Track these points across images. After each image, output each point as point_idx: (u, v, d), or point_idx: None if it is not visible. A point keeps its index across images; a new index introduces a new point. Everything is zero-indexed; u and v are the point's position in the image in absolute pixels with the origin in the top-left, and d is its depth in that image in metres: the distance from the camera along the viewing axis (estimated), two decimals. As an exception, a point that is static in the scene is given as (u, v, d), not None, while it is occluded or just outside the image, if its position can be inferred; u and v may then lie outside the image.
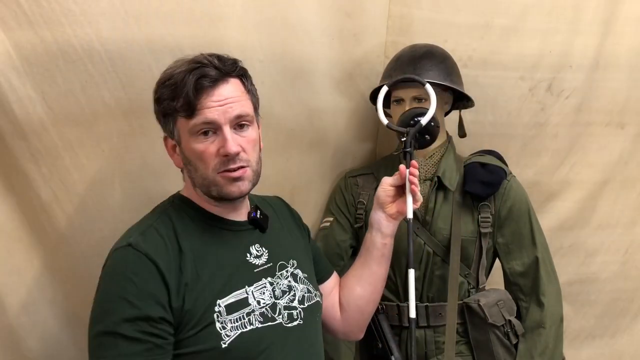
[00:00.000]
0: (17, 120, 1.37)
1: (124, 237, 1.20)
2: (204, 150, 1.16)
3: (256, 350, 1.17)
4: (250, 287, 1.21)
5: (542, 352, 1.62)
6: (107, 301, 1.13)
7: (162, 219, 1.21)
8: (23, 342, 1.50)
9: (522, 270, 1.67)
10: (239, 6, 1.56)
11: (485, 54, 1.83)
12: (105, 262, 1.19)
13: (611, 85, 1.95)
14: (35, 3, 1.32)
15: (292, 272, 1.31)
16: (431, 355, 1.67)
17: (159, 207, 1.27)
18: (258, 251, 1.26)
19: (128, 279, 1.11)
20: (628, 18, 1.91)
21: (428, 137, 1.54)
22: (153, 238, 1.17)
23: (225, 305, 1.16)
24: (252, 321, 1.18)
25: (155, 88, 1.21)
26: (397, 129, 1.49)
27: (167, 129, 1.22)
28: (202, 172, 1.19)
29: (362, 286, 1.45)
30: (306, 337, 1.28)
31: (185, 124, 1.17)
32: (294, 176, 1.77)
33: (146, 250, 1.14)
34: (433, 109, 1.47)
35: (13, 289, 1.47)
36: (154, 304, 1.11)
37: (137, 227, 1.21)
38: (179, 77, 1.15)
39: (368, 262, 1.46)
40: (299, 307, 1.27)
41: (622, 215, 2.11)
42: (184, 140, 1.19)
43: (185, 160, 1.21)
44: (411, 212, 1.36)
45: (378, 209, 1.45)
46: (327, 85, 1.77)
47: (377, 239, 1.44)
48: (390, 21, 1.79)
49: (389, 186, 1.44)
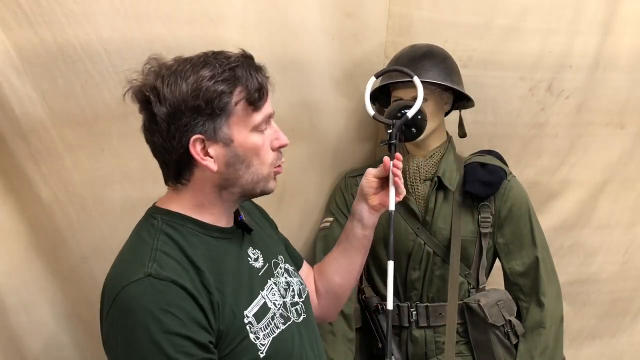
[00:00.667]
0: (17, 120, 1.38)
1: (126, 272, 1.07)
2: (262, 145, 1.14)
3: (286, 353, 1.17)
4: (263, 291, 1.19)
5: (542, 352, 1.62)
6: (148, 342, 1.00)
7: (163, 239, 1.11)
8: (23, 342, 1.50)
9: (522, 270, 1.67)
10: (239, 6, 1.56)
11: (485, 54, 1.83)
12: (110, 303, 1.05)
13: (611, 85, 1.95)
14: (35, 3, 1.32)
15: (284, 267, 1.31)
16: (431, 355, 1.67)
17: (144, 229, 1.14)
18: (254, 254, 1.24)
19: (166, 312, 1.01)
20: (628, 18, 1.90)
21: (414, 130, 1.52)
22: (168, 262, 1.07)
23: (252, 315, 1.14)
24: (278, 324, 1.18)
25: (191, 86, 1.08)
26: (383, 121, 1.45)
27: (209, 129, 1.10)
28: (256, 169, 1.14)
29: (341, 275, 1.44)
30: (312, 327, 1.29)
31: (246, 118, 1.11)
32: (294, 176, 1.77)
33: (170, 276, 1.04)
34: (420, 101, 1.42)
35: (13, 289, 1.47)
36: (201, 330, 1.04)
37: (136, 256, 1.09)
38: (238, 71, 1.10)
39: (348, 252, 1.44)
40: (300, 301, 1.28)
41: (622, 215, 2.11)
42: (241, 136, 1.11)
43: (235, 160, 1.12)
44: (393, 204, 1.33)
45: (361, 200, 1.42)
46: (327, 85, 1.77)
47: (357, 230, 1.41)
48: (390, 21, 1.79)
49: (372, 177, 1.40)
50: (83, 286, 1.54)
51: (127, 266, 1.08)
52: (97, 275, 1.55)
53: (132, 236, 1.17)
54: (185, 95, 1.07)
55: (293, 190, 1.79)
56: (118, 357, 1.05)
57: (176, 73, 1.09)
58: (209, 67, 1.09)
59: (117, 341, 1.04)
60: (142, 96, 1.10)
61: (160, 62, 1.12)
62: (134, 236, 1.16)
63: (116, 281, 1.07)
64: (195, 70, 1.09)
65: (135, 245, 1.13)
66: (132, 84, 1.11)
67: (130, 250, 1.13)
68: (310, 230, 1.85)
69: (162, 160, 1.15)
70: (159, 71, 1.11)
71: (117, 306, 1.04)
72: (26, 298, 1.50)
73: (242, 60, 1.12)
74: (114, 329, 1.04)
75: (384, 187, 1.39)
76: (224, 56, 1.12)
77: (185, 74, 1.09)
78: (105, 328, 1.08)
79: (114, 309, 1.04)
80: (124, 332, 1.03)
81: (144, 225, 1.15)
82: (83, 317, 1.58)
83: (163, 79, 1.09)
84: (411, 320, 1.68)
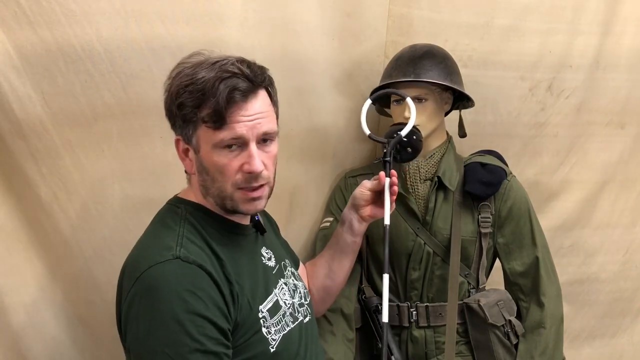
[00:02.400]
0: (17, 120, 1.38)
1: (152, 254, 1.07)
2: (226, 164, 1.10)
3: (294, 351, 1.19)
4: (275, 289, 1.22)
5: (542, 352, 1.62)
6: (172, 320, 1.01)
7: (187, 227, 1.13)
8: (23, 342, 1.50)
9: (522, 270, 1.67)
10: (239, 6, 1.56)
11: (485, 54, 1.83)
12: (133, 281, 1.05)
13: (611, 85, 1.95)
14: (35, 3, 1.32)
15: (291, 270, 1.34)
16: (431, 355, 1.67)
17: (168, 217, 1.16)
18: (267, 254, 1.27)
19: (191, 293, 1.02)
20: (628, 18, 1.91)
21: (410, 150, 1.55)
22: (194, 248, 1.09)
23: (267, 310, 1.16)
24: (288, 323, 1.20)
25: (174, 89, 1.11)
26: (378, 140, 1.51)
27: (184, 133, 1.13)
28: (220, 185, 1.13)
29: (332, 278, 1.51)
30: (315, 329, 1.33)
31: (209, 135, 1.09)
32: (294, 176, 1.77)
33: (197, 261, 1.06)
34: (412, 122, 1.49)
35: (13, 289, 1.47)
36: (222, 317, 1.05)
37: (162, 241, 1.10)
38: (207, 85, 1.07)
39: (338, 256, 1.50)
40: (306, 303, 1.31)
41: (622, 215, 2.11)
42: (205, 150, 1.11)
43: (202, 169, 1.14)
44: (388, 219, 1.39)
45: (352, 209, 1.48)
46: (327, 85, 1.77)
47: (347, 237, 1.48)
48: (390, 21, 1.79)
49: (367, 190, 1.45)
50: (83, 286, 1.54)
51: (152, 249, 1.09)
52: (97, 276, 1.55)
53: (155, 223, 1.18)
54: (171, 97, 1.12)
55: (293, 191, 1.79)
56: (138, 334, 1.04)
57: (180, 72, 1.12)
58: (195, 75, 1.10)
59: (139, 318, 1.04)
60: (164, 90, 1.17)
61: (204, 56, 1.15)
62: (157, 223, 1.18)
63: (141, 262, 1.07)
64: (187, 75, 1.11)
65: (159, 231, 1.14)
66: None
67: (155, 235, 1.14)
68: (310, 230, 1.85)
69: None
70: (179, 65, 1.15)
71: (142, 285, 1.04)
72: (26, 298, 1.50)
73: (224, 76, 1.08)
74: (136, 307, 1.04)
75: (374, 199, 1.45)
76: (221, 67, 1.10)
77: (181, 77, 1.11)
78: (125, 308, 1.07)
79: (138, 287, 1.04)
80: (147, 310, 1.03)
81: (168, 214, 1.18)
82: (83, 317, 1.58)
83: (174, 76, 1.14)
84: (411, 320, 1.68)
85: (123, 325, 1.09)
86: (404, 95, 1.52)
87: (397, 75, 1.62)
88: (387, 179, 1.40)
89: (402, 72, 1.62)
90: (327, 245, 1.54)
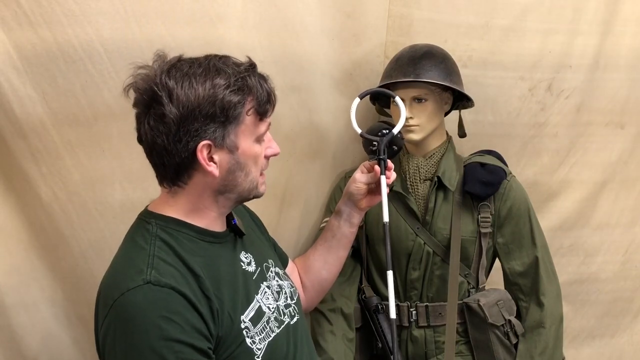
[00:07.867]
0: (17, 120, 1.38)
1: (123, 279, 1.04)
2: (260, 153, 1.18)
3: (281, 355, 1.18)
4: (257, 295, 1.20)
5: (542, 352, 1.62)
6: (148, 350, 0.99)
7: (159, 245, 1.09)
8: (23, 342, 1.50)
9: (522, 270, 1.67)
10: (239, 6, 1.56)
11: (485, 54, 1.83)
12: (107, 311, 1.03)
13: (611, 85, 1.95)
14: (36, 3, 1.32)
15: (275, 271, 1.32)
16: (431, 355, 1.67)
17: (138, 235, 1.12)
18: (246, 258, 1.24)
19: (166, 319, 1.00)
20: (628, 18, 1.90)
21: (395, 148, 1.56)
22: (166, 269, 1.05)
23: (249, 320, 1.15)
24: (273, 328, 1.19)
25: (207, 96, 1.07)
26: (370, 138, 1.51)
27: (216, 136, 1.09)
28: (252, 177, 1.17)
29: (328, 269, 1.53)
30: (304, 328, 1.32)
31: (254, 127, 1.14)
32: (294, 176, 1.77)
33: (170, 283, 1.03)
34: (403, 119, 1.51)
35: (13, 289, 1.47)
36: (201, 337, 1.04)
37: (132, 263, 1.07)
38: (249, 81, 1.11)
39: (335, 248, 1.52)
40: (292, 303, 1.30)
41: (622, 215, 2.11)
42: (246, 144, 1.13)
43: (236, 167, 1.13)
44: (387, 216, 1.40)
45: (349, 202, 1.51)
46: (327, 86, 1.77)
47: (345, 229, 1.51)
48: (390, 21, 1.80)
49: (363, 185, 1.48)
50: (83, 286, 1.54)
51: (123, 273, 1.06)
52: (97, 275, 1.53)
53: (126, 242, 1.14)
54: (201, 100, 1.06)
55: (293, 190, 1.79)
56: None
57: (190, 75, 1.07)
58: (222, 74, 1.09)
59: (115, 350, 1.02)
60: (152, 94, 1.07)
61: (165, 61, 1.11)
62: (128, 242, 1.14)
63: (113, 288, 1.04)
64: (210, 76, 1.08)
65: (130, 252, 1.11)
66: (136, 78, 1.09)
67: (126, 257, 1.11)
68: (310, 230, 1.86)
69: (160, 162, 1.12)
70: (169, 70, 1.08)
71: (115, 314, 1.02)
72: (26, 298, 1.50)
73: (252, 70, 1.13)
74: (112, 338, 1.02)
75: (369, 190, 1.49)
76: (233, 63, 1.12)
77: (200, 79, 1.07)
78: (101, 336, 1.05)
79: (112, 317, 1.03)
80: (122, 340, 1.01)
81: (138, 230, 1.13)
82: (83, 316, 1.58)
83: (176, 79, 1.07)
84: (411, 320, 1.68)
85: (101, 354, 1.07)
86: (391, 95, 1.54)
87: (397, 75, 1.62)
88: (382, 176, 1.41)
89: (402, 72, 1.62)
90: (321, 239, 1.55)
